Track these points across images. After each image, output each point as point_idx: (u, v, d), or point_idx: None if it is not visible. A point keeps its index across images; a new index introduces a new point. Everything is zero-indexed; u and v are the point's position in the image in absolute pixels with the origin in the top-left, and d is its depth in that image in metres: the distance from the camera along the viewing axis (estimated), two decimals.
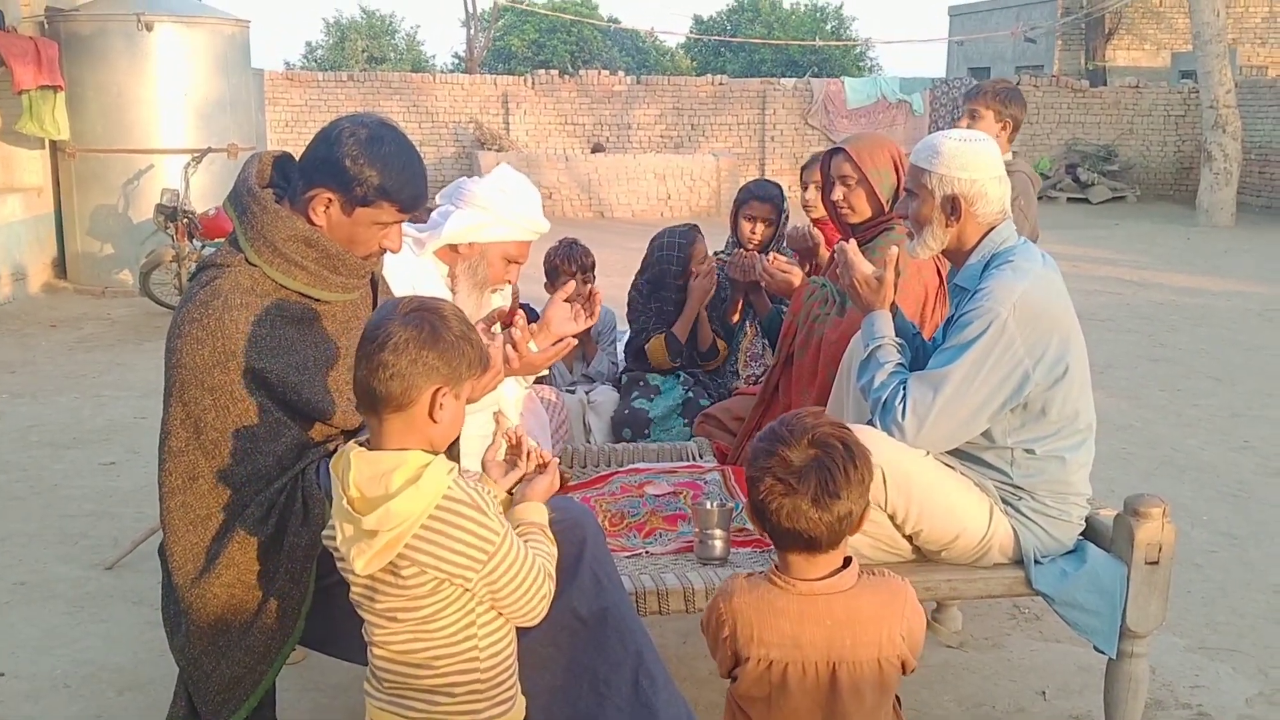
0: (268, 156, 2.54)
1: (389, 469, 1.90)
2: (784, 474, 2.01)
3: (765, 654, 2.07)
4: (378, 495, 1.88)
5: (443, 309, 2.00)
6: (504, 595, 1.99)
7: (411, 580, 1.92)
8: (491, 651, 2.03)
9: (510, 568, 1.97)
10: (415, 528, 1.89)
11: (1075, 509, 2.84)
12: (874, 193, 3.65)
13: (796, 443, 2.03)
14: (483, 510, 1.94)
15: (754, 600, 2.08)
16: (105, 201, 10.31)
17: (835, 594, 2.07)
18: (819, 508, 2.00)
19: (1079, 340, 2.81)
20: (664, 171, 17.86)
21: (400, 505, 1.87)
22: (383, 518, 1.86)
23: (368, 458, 1.93)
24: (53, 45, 9.86)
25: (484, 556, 1.93)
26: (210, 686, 2.42)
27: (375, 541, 1.88)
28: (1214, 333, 8.98)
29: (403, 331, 1.93)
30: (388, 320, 1.95)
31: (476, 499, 1.94)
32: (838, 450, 2.03)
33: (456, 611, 1.97)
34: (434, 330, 1.94)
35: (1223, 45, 16.56)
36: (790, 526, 2.02)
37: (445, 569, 1.92)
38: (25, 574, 4.16)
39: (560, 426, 3.87)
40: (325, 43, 41.30)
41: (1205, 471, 5.51)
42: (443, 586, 1.94)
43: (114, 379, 7.21)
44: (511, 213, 3.15)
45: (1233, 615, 3.91)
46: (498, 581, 1.96)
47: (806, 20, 39.44)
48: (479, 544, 1.93)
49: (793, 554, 2.08)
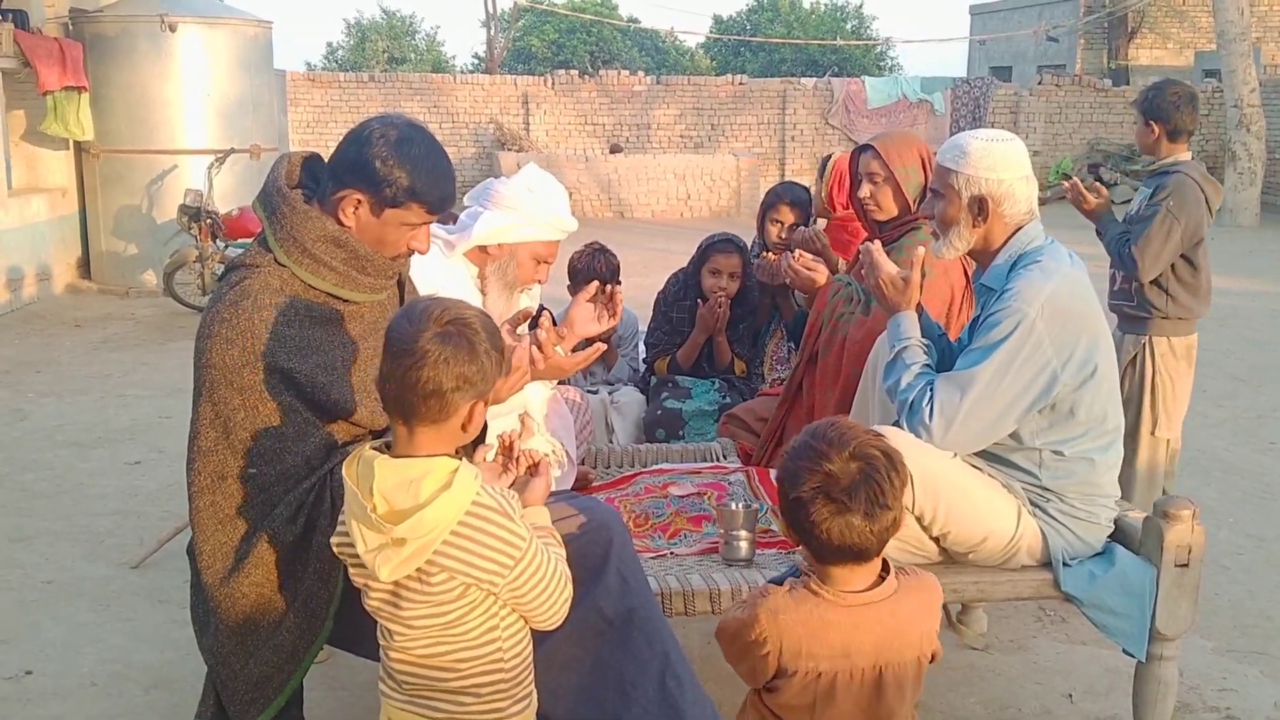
0: (296, 157, 2.55)
1: (417, 476, 1.89)
2: (836, 493, 1.98)
3: (814, 666, 2.04)
4: (406, 503, 1.87)
5: (473, 321, 1.96)
6: (528, 599, 1.99)
7: (440, 586, 1.92)
8: (515, 651, 2.04)
9: (536, 572, 1.98)
10: (445, 534, 1.89)
11: (1104, 511, 2.83)
12: (900, 191, 3.64)
13: (839, 457, 2.00)
14: (510, 516, 1.94)
15: (803, 617, 2.04)
16: (129, 202, 10.38)
17: (884, 601, 2.06)
18: (870, 520, 1.98)
19: (1107, 341, 2.79)
20: (684, 171, 17.84)
21: (433, 514, 1.86)
22: (414, 526, 1.86)
23: (393, 466, 1.91)
24: (77, 46, 9.93)
25: (511, 562, 1.93)
26: (238, 685, 2.42)
27: (404, 549, 1.87)
28: (1238, 333, 8.92)
29: (440, 349, 1.90)
30: (422, 334, 1.92)
31: (504, 505, 1.95)
32: (880, 460, 2.02)
33: (481, 615, 1.98)
34: (471, 347, 1.92)
35: (1247, 44, 16.44)
36: (841, 542, 2.00)
37: (475, 574, 1.92)
38: (52, 573, 4.19)
39: (585, 427, 3.87)
40: (346, 43, 41.40)
41: (1231, 473, 5.47)
42: (470, 591, 1.94)
43: (138, 379, 7.26)
44: (540, 213, 3.15)
45: (1261, 618, 3.89)
46: (523, 586, 1.97)
47: (827, 20, 39.31)
48: (507, 549, 1.93)
49: (837, 567, 2.06)
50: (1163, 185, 4.24)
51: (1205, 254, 4.31)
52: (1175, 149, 4.33)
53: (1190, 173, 4.26)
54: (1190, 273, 4.26)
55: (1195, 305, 4.30)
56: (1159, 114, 4.29)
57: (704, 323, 4.45)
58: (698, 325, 4.48)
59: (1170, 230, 4.15)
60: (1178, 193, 4.18)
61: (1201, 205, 4.22)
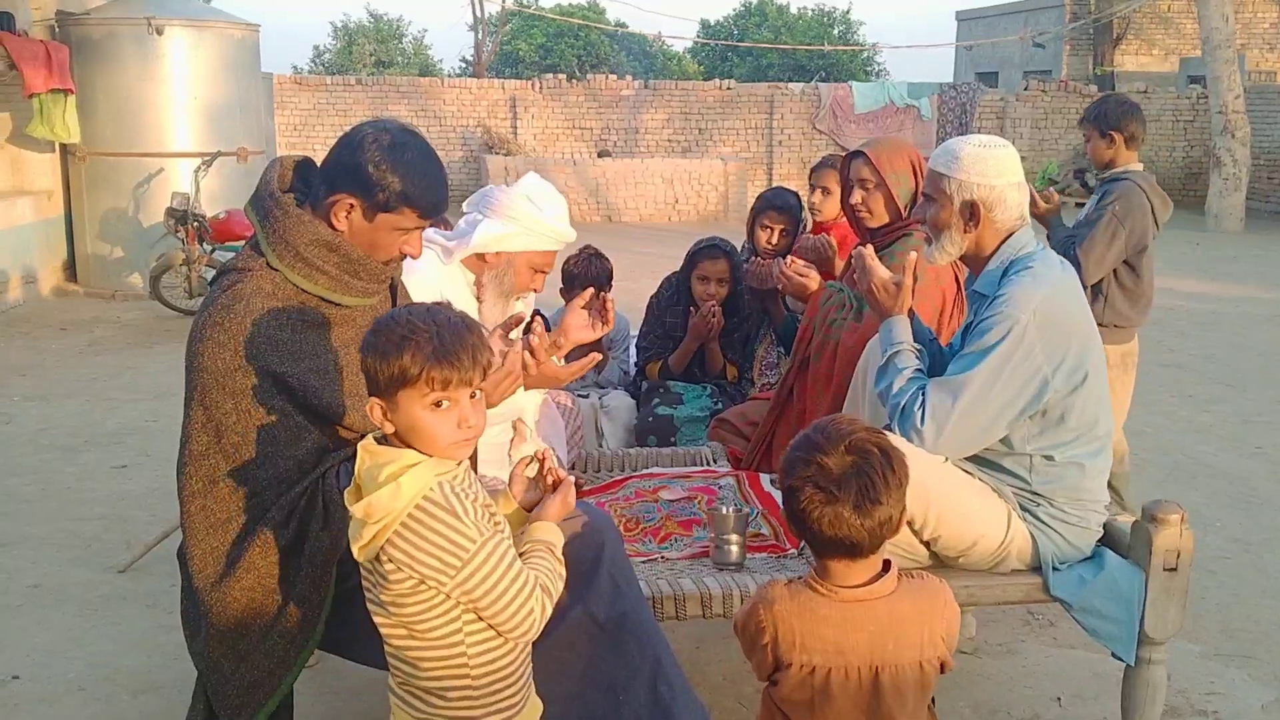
0: (289, 161, 2.55)
1: (383, 463, 1.93)
2: (825, 482, 2.01)
3: (808, 660, 2.06)
4: (370, 488, 1.93)
5: (419, 330, 1.94)
6: (483, 605, 1.96)
7: (393, 577, 1.94)
8: (483, 661, 2.01)
9: (488, 578, 1.94)
10: (396, 525, 1.91)
11: (1094, 515, 2.84)
12: (892, 197, 3.66)
13: (834, 450, 2.03)
14: (457, 515, 1.92)
15: (796, 608, 2.07)
16: (115, 205, 10.33)
17: (878, 599, 2.07)
18: (860, 514, 2.00)
19: (1098, 347, 2.80)
20: (672, 176, 17.86)
21: (378, 499, 1.90)
22: (364, 508, 1.90)
23: (372, 450, 1.97)
24: (63, 49, 9.88)
25: (457, 562, 1.92)
26: (229, 690, 2.42)
27: (365, 531, 1.92)
28: (1224, 338, 8.97)
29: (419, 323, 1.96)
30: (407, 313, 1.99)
31: (454, 504, 1.93)
32: (875, 455, 2.03)
33: (440, 617, 1.97)
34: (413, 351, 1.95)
35: (1231, 51, 16.54)
36: (833, 534, 2.02)
37: (419, 570, 1.92)
38: (38, 577, 4.16)
39: (575, 432, 3.87)
40: (333, 47, 41.32)
41: (1217, 478, 5.50)
42: (421, 588, 1.94)
43: (125, 382, 7.22)
44: (539, 223, 3.14)
45: (1248, 621, 3.91)
46: (474, 590, 1.94)
47: (814, 25, 39.40)
48: (451, 549, 1.92)
49: (834, 561, 2.07)
50: (1110, 191, 4.34)
51: (1149, 263, 4.46)
52: (1130, 157, 4.48)
53: (1139, 181, 4.40)
54: (1133, 280, 4.39)
55: (1133, 314, 4.44)
56: (1117, 124, 4.44)
57: (697, 330, 4.45)
58: (690, 333, 4.48)
59: (1115, 234, 4.30)
60: (1124, 199, 4.33)
61: (1147, 214, 4.36)
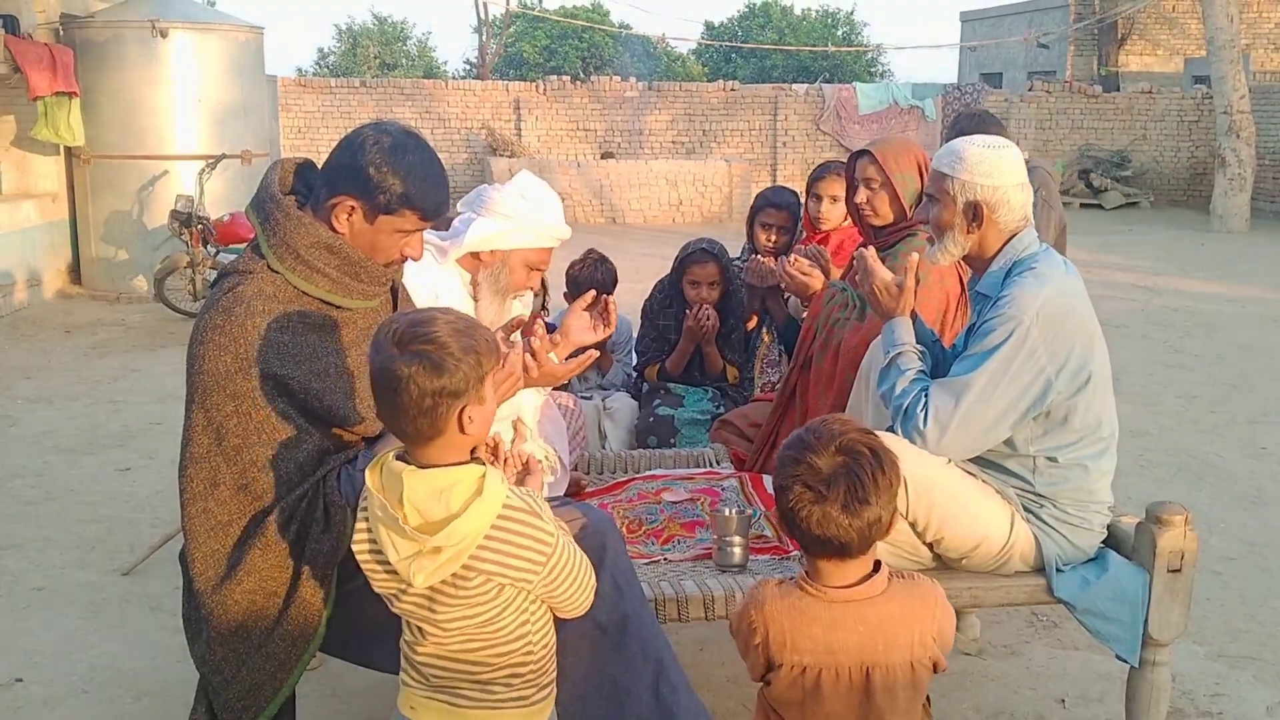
0: (290, 163, 2.55)
1: (446, 486, 1.92)
2: (813, 481, 2.02)
3: (798, 660, 2.07)
4: (440, 513, 1.91)
5: (435, 335, 1.94)
6: (560, 592, 2.04)
7: (477, 589, 1.96)
8: (544, 641, 2.09)
9: (566, 566, 2.03)
10: (479, 539, 1.92)
11: (1097, 517, 2.83)
12: (897, 196, 3.65)
13: (824, 450, 2.04)
14: (539, 515, 1.99)
15: (786, 608, 2.08)
16: (120, 207, 10.35)
17: (867, 600, 2.08)
18: (849, 514, 2.01)
19: (1102, 348, 2.79)
20: (676, 177, 17.85)
21: (467, 523, 1.90)
22: (449, 535, 1.89)
23: (421, 477, 1.93)
24: (68, 52, 9.90)
25: (543, 559, 1.98)
26: (231, 693, 2.42)
27: (440, 557, 1.90)
28: (1229, 339, 8.94)
29: (407, 368, 1.91)
30: (392, 362, 1.92)
31: (533, 505, 1.99)
32: (866, 457, 2.04)
33: (514, 612, 2.02)
34: (436, 363, 1.92)
35: (1236, 51, 16.50)
36: (821, 533, 2.03)
37: (510, 575, 1.96)
38: (42, 579, 4.17)
39: (578, 433, 3.86)
40: (337, 49, 41.37)
41: (1223, 478, 5.48)
42: (505, 590, 1.98)
43: (129, 384, 7.23)
44: (534, 220, 3.14)
45: (1253, 623, 3.89)
46: (555, 580, 2.02)
47: (818, 26, 39.38)
48: (539, 548, 1.98)
49: (823, 561, 2.08)
50: None
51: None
52: None
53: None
54: None
55: None
56: None
57: (690, 333, 4.46)
58: (685, 334, 4.48)
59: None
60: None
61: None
